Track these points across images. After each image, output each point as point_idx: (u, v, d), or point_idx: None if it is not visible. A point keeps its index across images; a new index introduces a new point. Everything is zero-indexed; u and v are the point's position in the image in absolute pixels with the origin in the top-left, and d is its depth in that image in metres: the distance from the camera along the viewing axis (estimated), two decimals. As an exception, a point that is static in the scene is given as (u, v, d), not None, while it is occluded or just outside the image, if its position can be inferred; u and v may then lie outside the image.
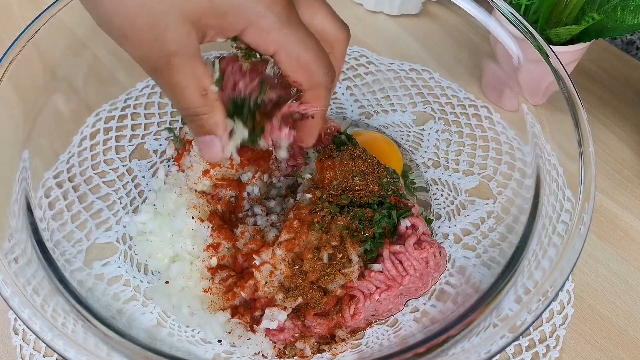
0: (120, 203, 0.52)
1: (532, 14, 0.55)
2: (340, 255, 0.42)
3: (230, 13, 0.33)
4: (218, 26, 0.34)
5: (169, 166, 0.52)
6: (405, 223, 0.44)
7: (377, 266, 0.43)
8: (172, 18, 0.32)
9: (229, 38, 0.35)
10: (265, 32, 0.34)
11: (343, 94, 0.61)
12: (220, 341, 0.44)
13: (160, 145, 0.56)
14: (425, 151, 0.56)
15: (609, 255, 0.51)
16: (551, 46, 0.47)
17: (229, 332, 0.43)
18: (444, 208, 0.52)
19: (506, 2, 0.50)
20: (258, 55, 0.37)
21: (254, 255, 0.43)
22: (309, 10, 0.37)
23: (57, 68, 0.52)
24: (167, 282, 0.45)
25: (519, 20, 0.48)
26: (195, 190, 0.47)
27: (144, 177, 0.54)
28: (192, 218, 0.45)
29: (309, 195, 0.45)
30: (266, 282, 0.42)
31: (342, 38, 0.39)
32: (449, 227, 0.51)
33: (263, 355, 0.43)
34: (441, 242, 0.49)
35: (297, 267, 0.42)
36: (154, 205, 0.47)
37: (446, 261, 0.47)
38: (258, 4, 0.33)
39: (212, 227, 0.45)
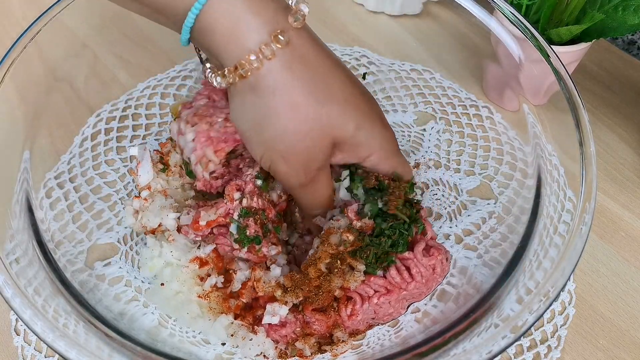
0: (122, 204, 0.52)
1: (533, 14, 0.55)
2: (339, 263, 0.41)
3: (364, 143, 0.41)
4: (347, 151, 0.42)
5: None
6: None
7: (378, 272, 0.42)
8: (325, 142, 0.40)
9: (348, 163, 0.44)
10: (383, 159, 0.43)
11: (344, 94, 0.61)
12: (223, 343, 0.44)
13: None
14: (427, 151, 0.56)
15: (610, 255, 0.51)
16: (552, 46, 0.47)
17: (232, 335, 0.43)
18: (445, 208, 0.52)
19: (507, 2, 0.50)
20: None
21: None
22: None
23: (58, 68, 0.52)
24: (162, 284, 0.45)
25: (520, 21, 0.48)
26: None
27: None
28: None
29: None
30: (264, 282, 0.42)
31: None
32: (450, 227, 0.51)
33: (264, 355, 0.43)
34: (442, 243, 0.49)
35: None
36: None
37: (450, 265, 0.47)
38: (381, 139, 0.42)
39: None
